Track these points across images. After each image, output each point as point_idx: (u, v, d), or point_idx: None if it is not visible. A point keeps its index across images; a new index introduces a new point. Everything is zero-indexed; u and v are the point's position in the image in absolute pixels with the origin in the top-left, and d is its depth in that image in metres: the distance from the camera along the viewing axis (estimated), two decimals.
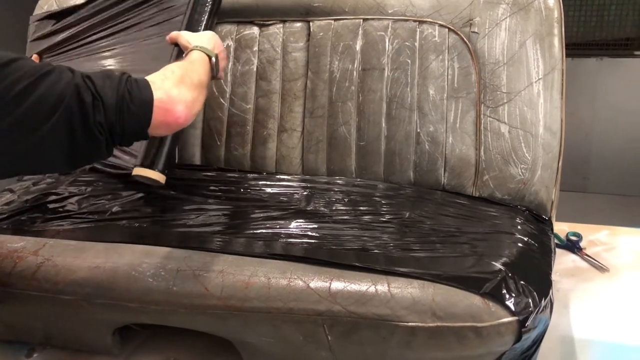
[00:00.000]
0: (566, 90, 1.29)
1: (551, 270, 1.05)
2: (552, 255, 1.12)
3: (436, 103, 1.32)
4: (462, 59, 1.31)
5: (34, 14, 1.61)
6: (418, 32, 1.34)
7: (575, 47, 3.18)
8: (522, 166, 1.25)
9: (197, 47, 1.08)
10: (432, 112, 1.32)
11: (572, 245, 1.50)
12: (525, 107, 1.26)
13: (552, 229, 1.23)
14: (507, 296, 0.91)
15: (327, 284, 0.96)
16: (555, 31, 1.28)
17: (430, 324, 0.91)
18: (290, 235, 1.13)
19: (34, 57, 1.46)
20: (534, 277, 0.98)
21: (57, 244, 1.12)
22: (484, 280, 0.93)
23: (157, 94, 0.87)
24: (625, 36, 3.16)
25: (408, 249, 1.06)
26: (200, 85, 0.98)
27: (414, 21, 1.34)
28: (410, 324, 0.91)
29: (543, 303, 0.93)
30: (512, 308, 0.90)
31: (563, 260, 1.46)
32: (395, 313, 0.92)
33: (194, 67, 1.02)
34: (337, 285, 0.96)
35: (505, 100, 1.27)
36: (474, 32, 1.31)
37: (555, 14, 1.29)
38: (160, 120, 0.87)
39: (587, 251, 1.48)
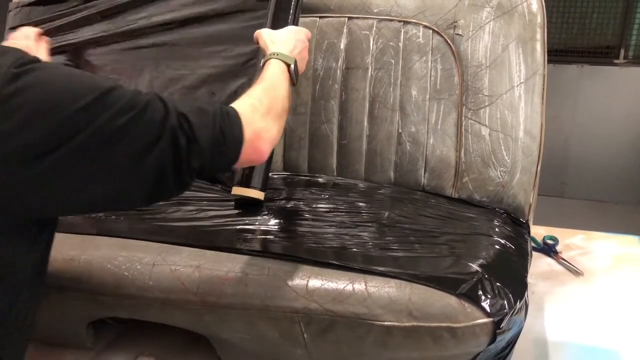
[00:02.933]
0: (547, 96, 1.30)
1: (527, 273, 1.06)
2: (529, 258, 1.13)
3: (418, 104, 1.33)
4: (446, 60, 1.32)
5: (12, 0, 1.58)
6: (402, 33, 1.34)
7: (557, 54, 3.22)
8: (501, 169, 1.26)
9: (274, 54, 1.01)
10: (414, 112, 1.32)
11: (549, 249, 1.51)
12: (506, 111, 1.27)
13: (529, 232, 1.25)
14: (483, 297, 0.92)
15: (305, 282, 0.96)
16: (538, 36, 1.30)
17: (407, 324, 0.91)
18: (269, 232, 1.12)
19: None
20: (509, 279, 0.99)
21: None
22: (460, 281, 0.94)
23: (247, 133, 0.81)
24: (606, 44, 3.21)
25: (387, 249, 1.06)
26: (283, 114, 0.93)
27: (399, 21, 1.34)
28: (386, 323, 0.92)
29: (518, 305, 0.94)
30: (488, 309, 0.91)
31: (539, 264, 1.47)
32: (372, 312, 0.92)
33: (277, 92, 0.94)
34: (315, 283, 0.96)
35: (486, 103, 1.28)
36: (457, 34, 1.31)
37: (538, 19, 1.30)
38: (246, 158, 0.83)
39: (563, 255, 1.50)
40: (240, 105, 0.84)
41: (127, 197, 0.73)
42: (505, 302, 0.93)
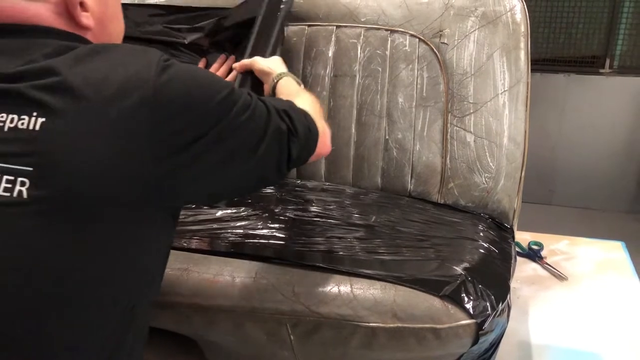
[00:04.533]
0: (534, 104, 1.33)
1: (510, 276, 1.08)
2: (512, 262, 1.15)
3: (405, 111, 1.35)
4: (432, 68, 1.34)
5: None
6: (389, 41, 1.37)
7: (544, 63, 3.26)
8: (486, 175, 1.29)
9: (284, 74, 1.09)
10: (401, 119, 1.35)
11: (534, 254, 1.54)
12: (491, 118, 1.30)
13: (513, 237, 1.27)
14: (466, 299, 0.94)
15: (292, 284, 0.97)
16: (522, 45, 1.32)
17: (391, 325, 0.93)
18: (257, 236, 1.14)
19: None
20: (492, 282, 1.01)
21: None
22: (444, 283, 0.96)
23: (319, 129, 0.88)
24: (592, 54, 3.26)
25: (373, 252, 1.08)
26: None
27: (386, 30, 1.37)
28: (371, 324, 0.93)
29: (500, 307, 0.96)
30: (471, 311, 0.93)
31: (524, 268, 1.49)
32: (357, 313, 0.94)
33: (315, 98, 1.02)
34: (301, 285, 0.97)
35: (471, 111, 1.30)
36: (443, 43, 1.34)
37: (522, 28, 1.33)
38: (318, 152, 0.89)
39: (548, 260, 1.52)
40: (304, 107, 0.90)
41: (244, 185, 0.81)
42: (488, 303, 0.95)
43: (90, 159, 0.62)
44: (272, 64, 1.14)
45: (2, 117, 0.64)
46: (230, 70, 1.38)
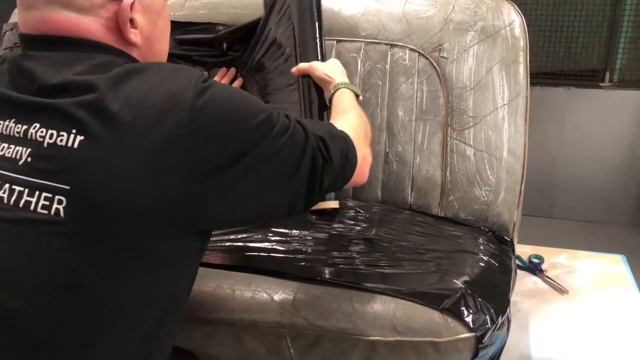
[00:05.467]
0: (534, 117, 1.33)
1: (510, 290, 1.08)
2: (512, 275, 1.15)
3: (405, 124, 1.36)
4: (431, 82, 1.35)
5: (9, 21, 1.61)
6: (389, 55, 1.38)
7: (544, 77, 3.27)
8: (486, 188, 1.29)
9: (343, 84, 1.06)
10: (401, 132, 1.35)
11: (534, 267, 1.53)
12: (490, 131, 1.30)
13: (513, 250, 1.27)
14: (466, 313, 0.94)
15: (291, 297, 0.98)
16: (521, 59, 1.33)
17: (391, 338, 0.93)
18: (256, 249, 1.14)
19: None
20: (492, 295, 1.01)
21: None
22: (443, 296, 0.96)
23: (358, 157, 0.87)
24: (592, 68, 3.27)
25: (373, 265, 1.08)
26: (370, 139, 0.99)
27: (386, 44, 1.38)
28: (371, 338, 0.93)
29: (500, 320, 0.96)
30: (470, 324, 0.93)
31: (524, 282, 1.49)
32: (357, 327, 0.94)
33: (365, 119, 1.01)
34: (301, 298, 0.97)
35: (471, 124, 1.31)
36: (443, 57, 1.35)
37: (521, 42, 1.34)
38: (354, 180, 0.88)
39: (548, 273, 1.52)
40: (348, 130, 0.88)
41: (275, 211, 0.79)
42: (488, 317, 0.95)
43: (125, 180, 0.62)
44: (331, 71, 1.11)
45: (42, 132, 0.64)
46: (231, 83, 1.39)
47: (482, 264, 1.10)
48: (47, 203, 0.62)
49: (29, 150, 0.64)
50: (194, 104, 0.65)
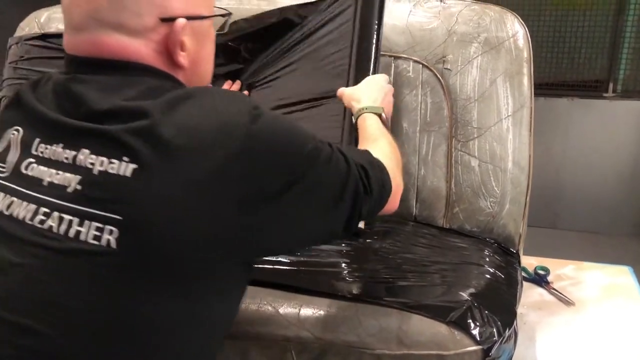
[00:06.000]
0: (537, 128, 1.33)
1: (516, 302, 1.07)
2: (518, 287, 1.14)
3: (409, 136, 1.35)
4: (435, 94, 1.35)
5: (14, 35, 1.61)
6: (393, 67, 1.38)
7: (548, 87, 3.27)
8: (491, 199, 1.29)
9: (364, 109, 1.04)
10: (405, 144, 1.35)
11: (540, 279, 1.52)
12: (495, 143, 1.30)
13: (519, 262, 1.26)
14: (472, 325, 0.93)
15: (297, 310, 0.97)
16: (525, 70, 1.33)
17: (397, 352, 0.92)
18: (261, 262, 1.14)
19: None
20: (499, 307, 1.00)
21: None
22: (450, 309, 0.95)
23: (393, 186, 0.86)
24: (595, 78, 3.27)
25: (379, 277, 1.08)
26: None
27: (390, 56, 1.38)
28: (377, 351, 0.93)
29: (507, 333, 0.95)
30: (477, 337, 0.92)
31: (530, 294, 1.48)
32: (363, 340, 0.93)
33: (394, 144, 1.00)
34: (307, 311, 0.97)
35: (475, 135, 1.31)
36: (446, 68, 1.35)
37: (525, 54, 1.34)
38: (386, 209, 0.87)
39: (554, 285, 1.51)
40: (383, 159, 0.87)
41: (317, 239, 0.80)
42: (495, 330, 0.94)
43: (179, 209, 0.60)
44: (356, 95, 1.09)
45: (91, 158, 0.62)
46: None
47: (488, 276, 1.10)
48: (98, 233, 0.60)
49: (79, 177, 0.62)
50: (248, 131, 0.63)
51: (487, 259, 1.17)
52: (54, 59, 1.52)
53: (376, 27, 1.24)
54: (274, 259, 1.14)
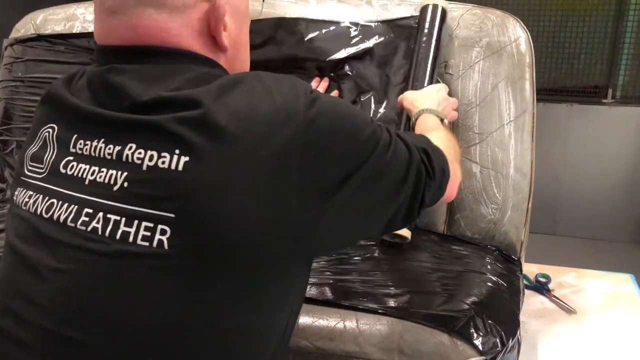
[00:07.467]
0: (537, 134, 1.32)
1: (519, 311, 1.06)
2: (521, 295, 1.13)
3: None
4: None
5: (9, 37, 1.59)
6: None
7: (547, 93, 3.27)
8: (492, 206, 1.27)
9: (426, 110, 1.01)
10: None
11: (541, 287, 1.51)
12: (497, 148, 1.28)
13: (521, 270, 1.24)
14: (475, 335, 0.91)
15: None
16: (527, 75, 1.32)
17: None
18: None
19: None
20: (502, 317, 0.98)
21: None
22: (452, 318, 0.93)
23: (451, 171, 0.81)
24: (594, 84, 3.27)
25: (380, 285, 1.06)
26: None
27: None
28: None
29: (510, 343, 0.94)
30: (480, 347, 0.90)
31: (532, 302, 1.46)
32: (363, 350, 0.91)
33: (452, 137, 0.96)
34: (305, 320, 0.95)
35: (477, 141, 1.29)
36: (448, 73, 1.33)
37: (527, 59, 1.32)
38: (444, 197, 0.82)
39: (556, 293, 1.49)
40: (440, 146, 0.82)
41: (374, 231, 0.75)
42: (498, 340, 0.92)
43: (238, 203, 0.55)
44: (418, 98, 1.06)
45: (139, 153, 0.57)
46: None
47: (490, 284, 1.08)
48: (148, 234, 0.55)
49: (125, 174, 0.57)
50: (305, 117, 0.59)
51: (489, 267, 1.15)
52: (51, 62, 1.50)
53: (433, 51, 1.27)
54: None
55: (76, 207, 0.60)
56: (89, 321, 0.57)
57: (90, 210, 0.58)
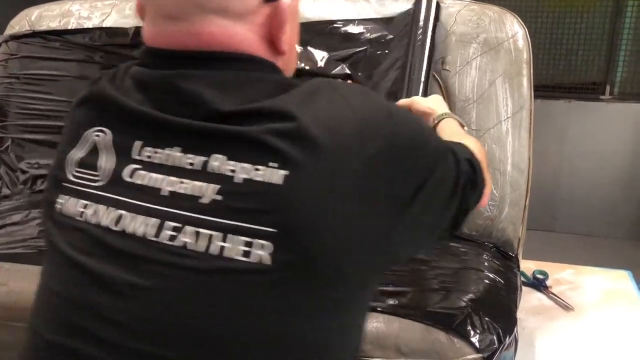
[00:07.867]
0: (535, 130, 1.31)
1: (516, 308, 1.05)
2: (518, 292, 1.12)
3: None
4: None
5: (4, 33, 1.59)
6: None
7: (545, 89, 3.27)
8: (490, 203, 1.27)
9: (446, 114, 0.99)
10: None
11: (538, 284, 1.50)
12: (494, 145, 1.28)
13: (518, 266, 1.24)
14: (472, 333, 0.91)
15: None
16: (524, 72, 1.32)
17: None
18: None
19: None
20: (499, 314, 0.98)
21: (13, 268, 1.09)
22: (449, 316, 0.93)
23: (486, 179, 0.79)
24: (592, 80, 3.27)
25: None
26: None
27: None
28: (374, 359, 0.90)
29: (508, 340, 0.93)
30: (477, 345, 0.90)
31: (529, 298, 1.46)
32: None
33: (479, 144, 0.93)
34: None
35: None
36: (445, 69, 1.33)
37: (524, 55, 1.32)
38: (478, 205, 0.81)
39: (553, 289, 1.49)
40: (474, 154, 0.81)
41: (427, 243, 0.76)
42: (495, 337, 0.92)
43: (335, 217, 0.54)
44: (432, 104, 1.05)
45: (230, 165, 0.55)
46: None
47: (487, 282, 1.07)
48: (247, 248, 0.53)
49: (218, 187, 0.55)
50: (387, 129, 0.58)
51: (486, 264, 1.15)
52: (46, 59, 1.49)
53: (428, 47, 1.28)
54: None
55: (157, 220, 0.56)
56: (180, 338, 0.55)
57: (177, 224, 0.56)
